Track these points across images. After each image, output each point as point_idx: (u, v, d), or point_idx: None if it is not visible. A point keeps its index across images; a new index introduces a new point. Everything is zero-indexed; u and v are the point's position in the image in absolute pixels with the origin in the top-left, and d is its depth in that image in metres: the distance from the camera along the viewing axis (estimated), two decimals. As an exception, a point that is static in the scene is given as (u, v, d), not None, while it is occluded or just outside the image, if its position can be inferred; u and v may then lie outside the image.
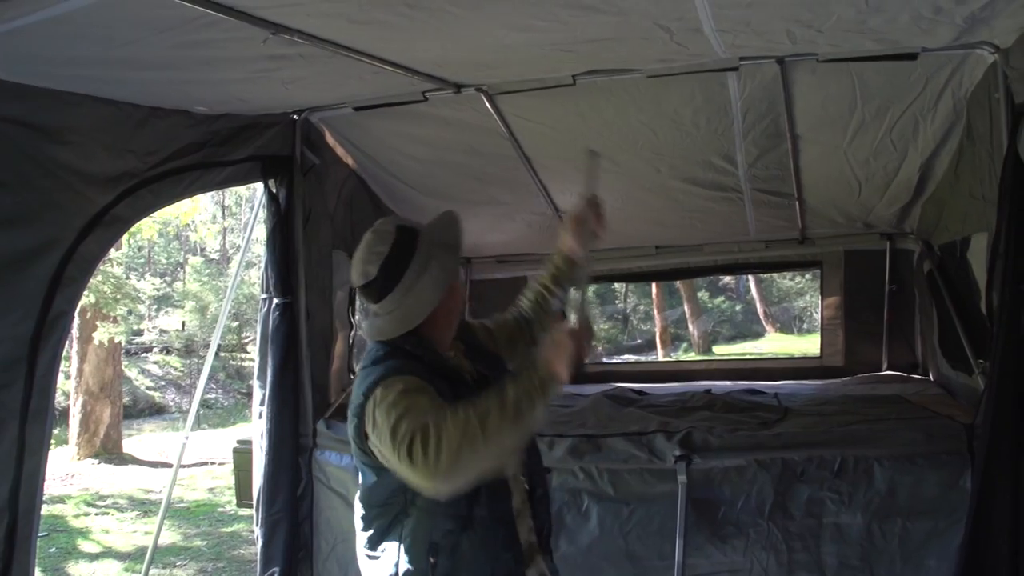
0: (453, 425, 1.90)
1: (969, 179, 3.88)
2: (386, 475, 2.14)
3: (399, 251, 2.23)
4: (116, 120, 3.48)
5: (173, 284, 25.67)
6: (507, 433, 1.93)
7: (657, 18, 2.89)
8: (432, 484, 1.92)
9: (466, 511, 2.15)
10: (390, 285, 2.22)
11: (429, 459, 1.87)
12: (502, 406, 1.94)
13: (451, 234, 2.37)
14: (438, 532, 2.16)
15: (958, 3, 2.70)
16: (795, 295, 26.96)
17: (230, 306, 6.63)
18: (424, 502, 2.12)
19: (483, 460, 1.94)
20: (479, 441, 1.88)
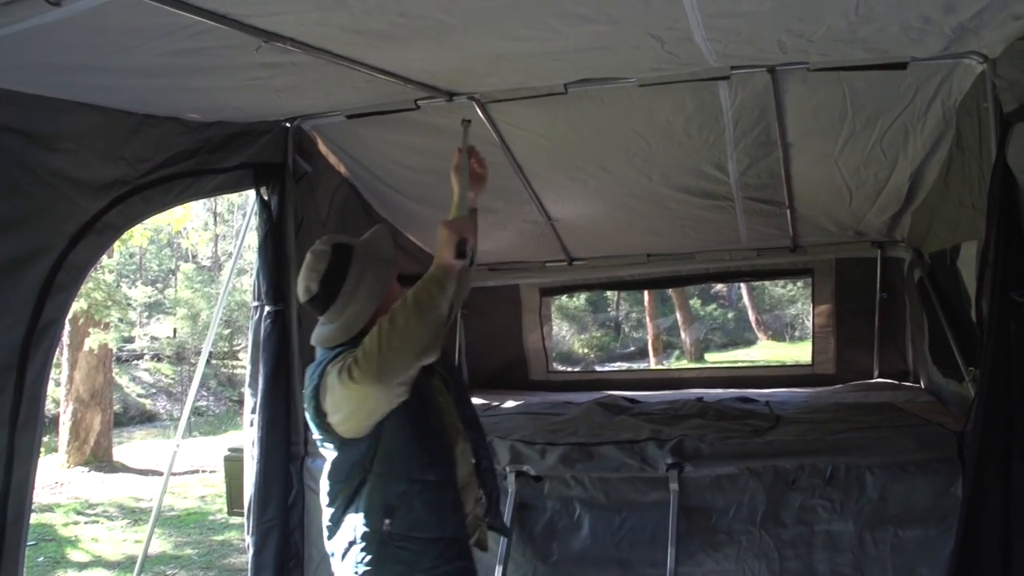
0: (370, 337, 2.24)
1: (959, 188, 3.90)
2: (348, 447, 2.45)
3: (336, 268, 2.53)
4: (108, 127, 3.47)
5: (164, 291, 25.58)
6: (413, 324, 2.25)
7: (648, 27, 2.90)
8: (372, 386, 2.23)
9: (418, 475, 2.45)
10: (330, 299, 2.53)
11: (362, 368, 2.20)
12: (404, 303, 2.28)
13: (382, 247, 2.68)
14: (392, 494, 2.44)
15: (946, 13, 2.72)
16: (787, 303, 27.02)
17: (222, 313, 6.61)
18: (380, 467, 2.43)
19: (404, 352, 2.24)
20: (393, 336, 2.22)
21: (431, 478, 2.48)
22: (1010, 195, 2.91)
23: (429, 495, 2.47)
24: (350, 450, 2.45)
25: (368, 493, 2.45)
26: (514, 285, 6.97)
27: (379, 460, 2.42)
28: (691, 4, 2.59)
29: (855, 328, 6.18)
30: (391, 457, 2.43)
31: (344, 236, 2.67)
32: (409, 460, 2.46)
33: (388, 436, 2.43)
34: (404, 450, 2.45)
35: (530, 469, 3.97)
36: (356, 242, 2.63)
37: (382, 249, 2.67)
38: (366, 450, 2.43)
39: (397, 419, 2.40)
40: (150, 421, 18.95)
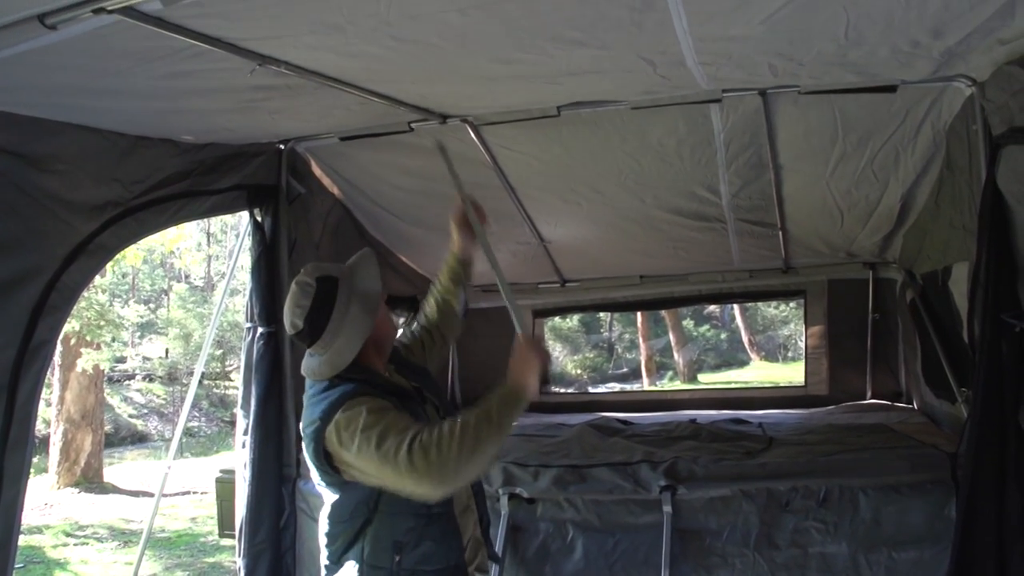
0: (449, 434, 2.15)
1: (949, 209, 3.91)
2: (350, 489, 2.38)
3: (320, 302, 2.45)
4: (102, 149, 3.48)
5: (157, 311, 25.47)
6: (492, 441, 2.20)
7: (641, 51, 2.92)
8: (432, 488, 2.18)
9: (424, 508, 2.37)
10: (316, 334, 2.45)
11: (432, 465, 2.12)
12: (488, 417, 2.21)
13: (368, 275, 2.59)
14: (400, 530, 2.39)
15: (935, 38, 2.75)
16: (780, 323, 27.01)
17: (214, 333, 6.59)
18: (388, 505, 2.37)
19: (475, 466, 2.23)
20: (473, 448, 2.15)
21: (436, 510, 2.42)
22: (1000, 217, 2.92)
23: (435, 527, 2.44)
24: (353, 491, 2.38)
25: (375, 531, 2.40)
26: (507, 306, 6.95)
27: (386, 499, 2.35)
28: (682, 29, 2.61)
29: (848, 349, 6.20)
30: (397, 495, 2.31)
31: (329, 266, 2.59)
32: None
33: None
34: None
35: (523, 491, 3.96)
36: (341, 272, 2.55)
37: (368, 278, 2.58)
38: (371, 492, 2.36)
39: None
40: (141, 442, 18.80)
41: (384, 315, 2.64)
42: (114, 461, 14.78)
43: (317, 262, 2.68)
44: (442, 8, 2.40)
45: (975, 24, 2.59)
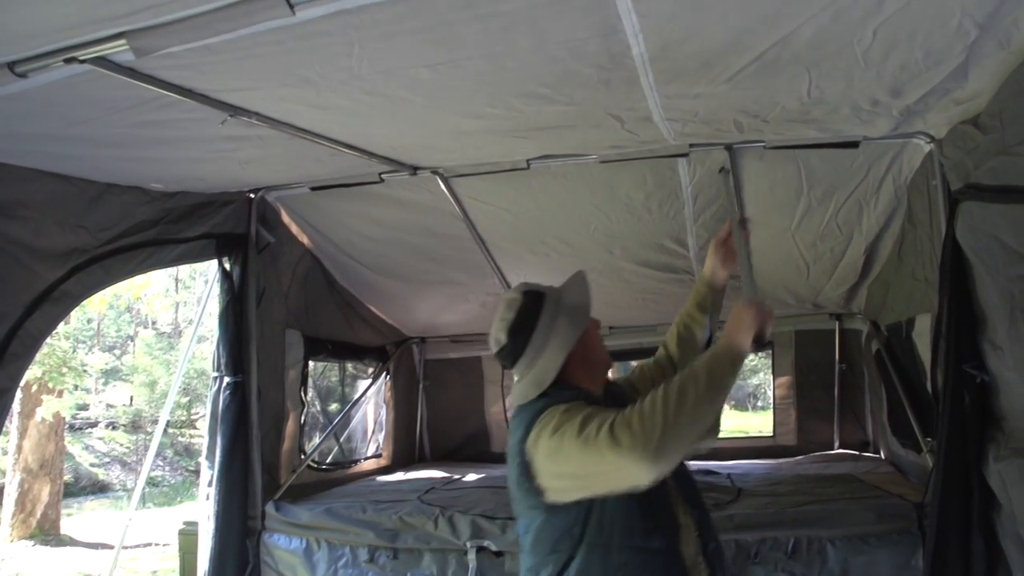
0: (651, 402, 1.96)
1: (912, 262, 3.98)
2: (557, 513, 2.15)
3: (525, 315, 2.34)
4: (69, 196, 3.46)
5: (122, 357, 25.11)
6: (704, 402, 2.00)
7: (609, 107, 2.97)
8: (641, 462, 1.90)
9: (642, 543, 2.13)
10: (519, 349, 2.33)
11: (637, 437, 1.90)
12: (695, 377, 2.03)
13: (578, 292, 2.48)
14: (611, 567, 2.12)
15: (893, 97, 2.82)
16: (749, 373, 27.14)
17: (180, 381, 6.51)
18: (595, 536, 2.12)
19: (689, 431, 1.96)
20: (679, 412, 1.94)
21: (656, 546, 2.15)
22: (960, 270, 2.97)
23: (655, 565, 2.14)
24: (558, 518, 2.16)
25: (581, 567, 2.13)
26: (476, 357, 6.96)
27: (593, 529, 2.12)
28: (649, 86, 2.67)
29: (815, 399, 6.23)
30: (610, 525, 2.12)
31: (539, 284, 2.48)
32: (630, 526, 2.13)
33: (604, 502, 2.11)
34: (624, 516, 2.13)
35: (491, 544, 3.92)
36: (550, 289, 2.46)
37: (578, 294, 2.47)
38: (576, 517, 2.13)
39: None
40: (102, 491, 18.38)
41: (595, 336, 2.50)
42: (73, 512, 14.44)
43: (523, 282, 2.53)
44: (412, 63, 2.43)
45: (931, 85, 2.66)
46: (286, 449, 4.81)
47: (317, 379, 5.71)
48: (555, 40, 2.27)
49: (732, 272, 2.91)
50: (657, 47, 2.33)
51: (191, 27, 1.97)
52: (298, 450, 5.01)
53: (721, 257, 2.89)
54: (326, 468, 5.52)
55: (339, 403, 6.11)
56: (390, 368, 6.51)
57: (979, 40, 2.28)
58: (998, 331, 2.70)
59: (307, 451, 5.17)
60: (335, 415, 5.91)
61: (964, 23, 2.17)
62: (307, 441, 5.23)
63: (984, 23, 2.17)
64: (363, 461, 6.13)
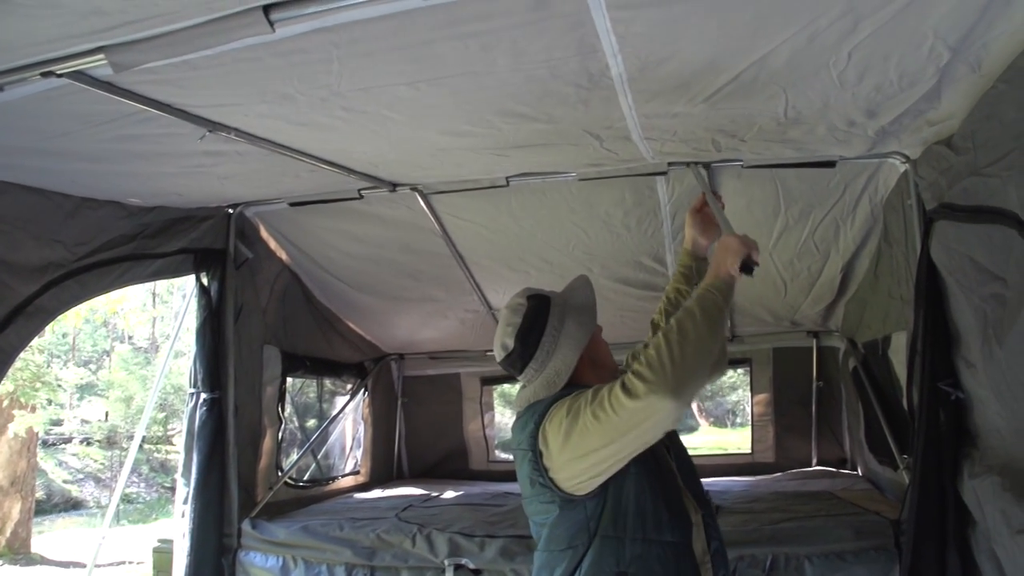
0: (655, 350, 1.97)
1: (888, 280, 4.01)
2: (573, 508, 2.16)
3: (533, 319, 2.34)
4: (45, 210, 3.44)
5: (98, 372, 24.84)
6: (705, 334, 2.02)
7: (587, 126, 2.98)
8: (666, 399, 1.91)
9: (655, 535, 2.13)
10: (529, 352, 2.32)
11: (651, 380, 1.91)
12: (691, 314, 2.06)
13: (583, 294, 2.48)
14: (624, 559, 2.11)
15: (869, 117, 2.86)
16: (728, 389, 27.24)
17: (157, 396, 6.45)
18: (609, 529, 2.12)
19: (697, 364, 1.98)
20: (686, 346, 1.97)
21: (670, 539, 2.14)
22: (935, 288, 3.00)
23: (668, 557, 2.13)
24: (574, 512, 2.16)
25: (594, 559, 2.12)
26: (455, 374, 6.95)
27: (607, 521, 2.12)
28: (628, 106, 2.69)
29: (793, 416, 6.25)
30: (624, 517, 2.12)
31: (541, 289, 2.50)
32: (644, 519, 2.13)
33: (619, 492, 2.14)
34: (638, 509, 2.14)
35: (468, 562, 3.90)
36: (555, 293, 2.47)
37: (582, 297, 2.47)
38: (592, 511, 2.14)
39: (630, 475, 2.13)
40: (75, 508, 18.15)
41: (601, 340, 2.51)
42: (44, 530, 14.25)
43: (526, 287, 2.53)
44: (392, 81, 2.43)
45: (905, 106, 2.70)
46: (263, 466, 4.78)
47: (295, 395, 5.68)
48: (534, 59, 2.28)
49: (713, 241, 2.93)
50: (635, 67, 2.35)
51: (170, 43, 1.96)
52: (275, 467, 4.97)
53: (699, 226, 2.94)
54: (303, 485, 5.48)
55: (317, 419, 6.07)
56: (368, 385, 6.48)
57: (951, 63, 2.31)
58: (972, 349, 2.73)
59: (284, 468, 5.13)
60: (313, 432, 5.87)
61: (936, 46, 2.20)
62: (284, 458, 5.20)
63: (956, 46, 2.20)
64: (341, 478, 6.09)
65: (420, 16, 1.97)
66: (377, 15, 1.96)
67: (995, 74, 2.32)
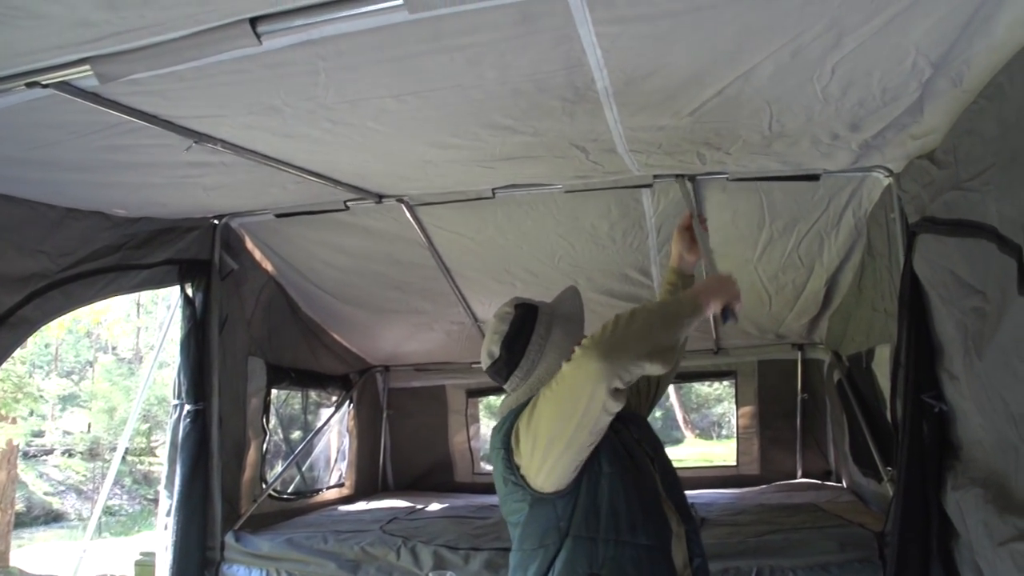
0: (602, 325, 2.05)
1: (871, 293, 4.04)
2: (543, 506, 2.17)
3: (519, 327, 2.36)
4: (29, 220, 3.42)
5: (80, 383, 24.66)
6: (654, 325, 2.09)
7: (573, 139, 3.00)
8: (596, 360, 1.97)
9: (629, 536, 2.13)
10: (515, 360, 2.34)
11: (588, 346, 1.99)
12: (648, 305, 2.16)
13: (571, 304, 2.50)
14: (596, 560, 2.11)
15: (852, 131, 2.88)
16: (713, 401, 27.32)
17: (140, 408, 6.40)
18: (581, 529, 2.13)
19: (635, 344, 2.03)
20: (631, 326, 2.04)
21: (644, 541, 2.14)
22: (918, 301, 3.02)
23: (643, 560, 2.12)
24: (545, 510, 2.17)
25: (567, 559, 2.12)
26: (440, 386, 6.94)
27: (579, 521, 2.13)
28: (613, 119, 2.70)
29: (778, 429, 6.27)
30: (597, 517, 2.13)
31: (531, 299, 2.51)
32: (618, 520, 2.13)
33: (591, 492, 2.15)
34: (611, 509, 2.14)
35: (453, 575, 3.89)
36: (543, 303, 2.48)
37: (570, 307, 2.49)
38: (563, 511, 2.15)
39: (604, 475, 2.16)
40: (56, 521, 17.95)
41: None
42: (24, 543, 14.09)
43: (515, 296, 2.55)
44: (378, 94, 2.44)
45: (888, 120, 2.72)
46: (247, 478, 4.75)
47: (280, 407, 5.66)
48: (520, 72, 2.29)
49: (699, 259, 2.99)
50: (621, 81, 2.37)
51: (157, 54, 1.96)
52: (259, 479, 4.94)
53: (685, 243, 2.97)
54: (288, 497, 5.45)
55: (302, 431, 6.05)
56: (353, 396, 6.46)
57: (933, 78, 2.34)
58: (955, 361, 2.75)
59: (268, 480, 5.11)
60: (297, 443, 5.85)
61: (919, 62, 2.23)
62: (269, 470, 5.17)
63: (937, 62, 2.23)
64: (325, 490, 6.07)
65: (407, 29, 1.98)
66: (364, 28, 1.96)
67: (976, 90, 2.35)
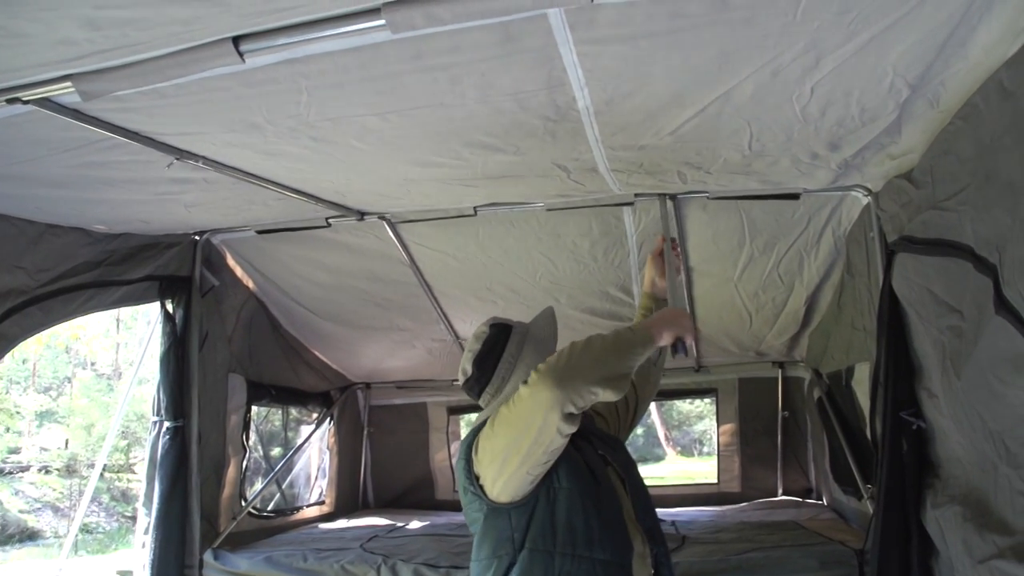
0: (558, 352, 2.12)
1: (851, 312, 4.06)
2: (498, 517, 2.20)
3: (491, 345, 2.43)
4: (8, 236, 3.40)
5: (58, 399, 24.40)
6: (607, 354, 2.13)
7: (555, 158, 3.01)
8: (549, 388, 2.03)
9: (585, 551, 2.15)
10: (485, 377, 2.41)
11: (543, 372, 2.05)
12: (603, 335, 2.18)
13: (545, 325, 2.56)
14: (554, 573, 2.13)
15: (832, 151, 2.91)
16: (695, 419, 27.34)
17: (119, 424, 6.35)
18: (536, 542, 2.15)
19: (588, 371, 2.08)
20: (585, 354, 2.10)
21: (601, 556, 2.14)
22: (897, 320, 3.04)
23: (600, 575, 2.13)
24: (499, 521, 2.20)
25: (523, 571, 2.14)
26: (421, 403, 6.91)
27: (535, 534, 2.15)
28: (595, 138, 2.72)
29: (759, 446, 6.28)
30: (553, 530, 2.15)
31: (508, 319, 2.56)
32: (574, 535, 2.15)
33: (548, 506, 2.18)
34: (568, 524, 2.16)
35: (435, 593, 3.87)
36: (518, 323, 2.54)
37: (543, 328, 2.55)
38: (517, 523, 2.17)
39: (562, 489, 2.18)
40: (31, 539, 17.71)
41: None
42: (-1, 561, 13.89)
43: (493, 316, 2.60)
44: (361, 112, 2.44)
45: (867, 140, 2.76)
46: (226, 496, 4.71)
47: (260, 424, 5.62)
48: (502, 92, 2.31)
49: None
50: (602, 100, 2.38)
51: (140, 72, 1.96)
52: (239, 496, 4.90)
53: (659, 269, 3.03)
54: (267, 515, 5.41)
55: (282, 449, 6.01)
56: (334, 414, 6.43)
57: (911, 99, 2.37)
58: (933, 379, 2.77)
59: (248, 498, 5.07)
60: (278, 460, 5.81)
61: (896, 83, 2.26)
62: (248, 487, 5.13)
63: (915, 83, 2.26)
64: (305, 508, 6.02)
65: (389, 49, 1.99)
66: (346, 47, 1.97)
67: (952, 110, 2.38)
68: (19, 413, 20.22)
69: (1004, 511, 2.26)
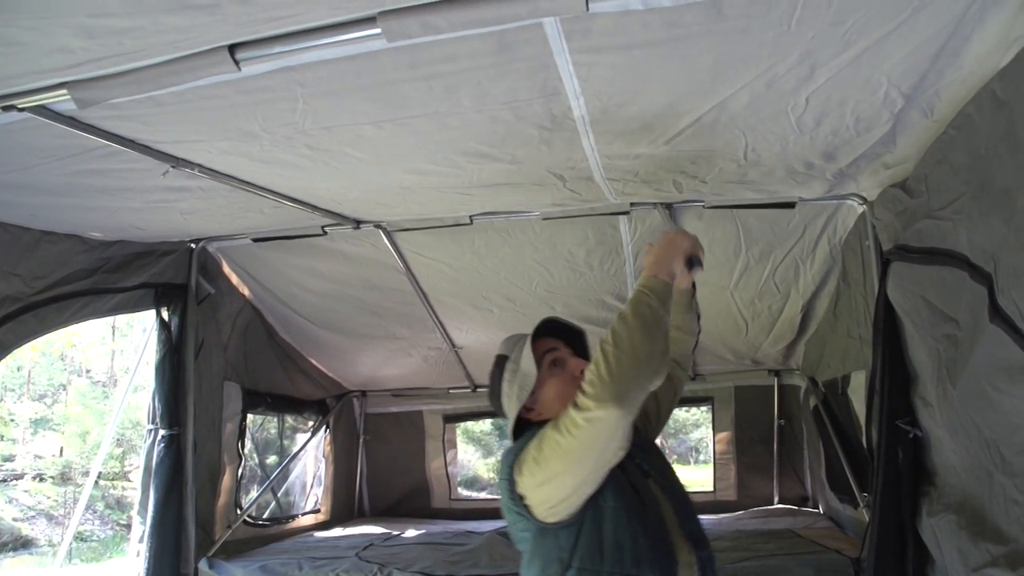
0: (594, 365, 1.96)
1: (847, 320, 4.07)
2: (546, 537, 2.14)
3: (494, 380, 2.40)
4: (3, 243, 3.40)
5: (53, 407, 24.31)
6: (640, 340, 1.99)
7: (550, 167, 3.02)
8: (610, 408, 1.91)
9: (633, 570, 2.08)
10: (496, 403, 2.40)
11: (593, 393, 1.92)
12: (623, 320, 2.03)
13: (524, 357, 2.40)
14: None
15: (827, 160, 2.92)
16: (691, 427, 27.30)
17: (115, 431, 6.32)
18: (584, 561, 2.08)
19: (636, 371, 1.96)
20: (622, 355, 1.95)
21: (649, 575, 2.08)
22: (892, 328, 3.04)
23: None
24: (547, 541, 2.13)
25: None
26: (417, 411, 6.91)
27: (582, 553, 2.08)
28: (590, 147, 2.72)
29: (755, 454, 6.27)
30: (600, 549, 2.07)
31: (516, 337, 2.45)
32: (622, 554, 2.07)
33: (595, 525, 2.10)
34: (615, 542, 2.09)
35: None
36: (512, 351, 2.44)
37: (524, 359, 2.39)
38: (565, 540, 2.10)
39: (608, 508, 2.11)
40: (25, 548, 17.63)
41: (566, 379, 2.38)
42: (-11, 571, 13.84)
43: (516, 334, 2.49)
44: (357, 121, 2.45)
45: (862, 149, 2.77)
46: (221, 504, 4.70)
47: (255, 432, 5.61)
48: (498, 100, 2.31)
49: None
50: (597, 109, 2.39)
51: (135, 80, 1.96)
52: (234, 505, 4.89)
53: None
54: (263, 523, 5.39)
55: (278, 457, 5.99)
56: (330, 422, 6.42)
57: (905, 109, 2.38)
58: (928, 388, 2.77)
59: (243, 506, 5.05)
60: (273, 469, 5.80)
61: (891, 93, 2.27)
62: (244, 496, 5.12)
63: (909, 93, 2.27)
64: (301, 516, 6.00)
65: (385, 57, 1.99)
66: (342, 56, 1.97)
67: (947, 120, 2.39)
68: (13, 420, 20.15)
69: (999, 519, 2.26)
